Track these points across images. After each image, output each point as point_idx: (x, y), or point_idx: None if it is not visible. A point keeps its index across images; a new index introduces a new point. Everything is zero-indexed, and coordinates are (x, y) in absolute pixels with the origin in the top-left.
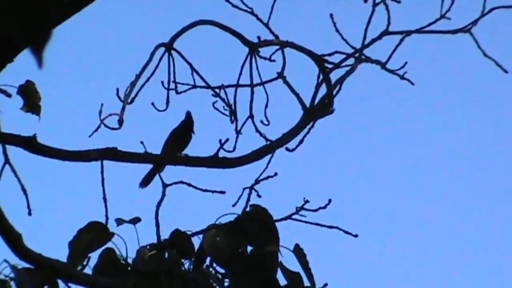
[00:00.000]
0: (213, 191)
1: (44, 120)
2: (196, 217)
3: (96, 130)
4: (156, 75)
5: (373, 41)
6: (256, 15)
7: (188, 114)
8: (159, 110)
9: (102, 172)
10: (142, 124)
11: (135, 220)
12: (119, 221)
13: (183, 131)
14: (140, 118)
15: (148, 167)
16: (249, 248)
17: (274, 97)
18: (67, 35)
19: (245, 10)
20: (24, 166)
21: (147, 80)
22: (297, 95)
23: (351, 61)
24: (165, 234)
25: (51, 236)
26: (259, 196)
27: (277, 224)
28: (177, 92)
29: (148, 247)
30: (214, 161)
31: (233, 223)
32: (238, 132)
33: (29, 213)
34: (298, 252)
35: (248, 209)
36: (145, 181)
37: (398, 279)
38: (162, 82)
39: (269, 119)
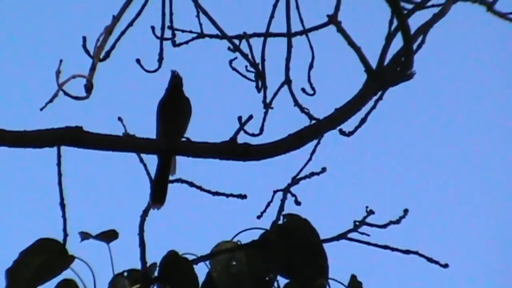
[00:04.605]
0: (228, 195)
1: None
2: (203, 234)
3: (51, 100)
4: (143, 18)
5: None
6: None
7: (174, 76)
8: (147, 71)
9: (58, 163)
10: (121, 92)
11: (108, 236)
12: (84, 236)
13: (175, 102)
14: (118, 83)
15: (152, 160)
16: (282, 281)
17: (323, 54)
18: None
19: None
20: None
21: (130, 24)
22: (357, 50)
23: None
24: (153, 258)
25: None
26: (297, 203)
27: (325, 245)
28: (174, 44)
29: (127, 277)
30: (230, 150)
31: (258, 243)
32: (267, 106)
33: None
34: None
35: (281, 221)
36: (158, 194)
37: None
38: (153, 29)
39: (315, 86)
